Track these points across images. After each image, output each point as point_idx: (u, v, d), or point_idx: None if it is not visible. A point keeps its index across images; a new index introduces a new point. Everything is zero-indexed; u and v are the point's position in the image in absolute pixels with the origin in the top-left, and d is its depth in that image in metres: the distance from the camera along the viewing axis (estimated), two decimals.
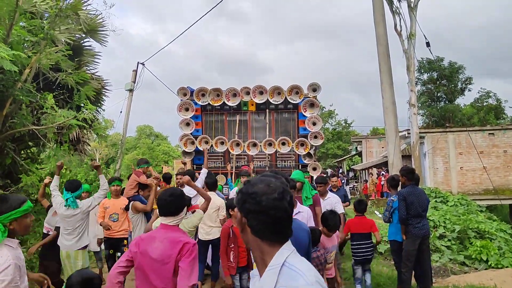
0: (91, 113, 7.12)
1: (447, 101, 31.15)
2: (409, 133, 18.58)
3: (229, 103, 9.21)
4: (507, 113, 32.59)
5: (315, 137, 8.85)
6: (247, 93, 9.15)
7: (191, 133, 9.34)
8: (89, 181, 13.22)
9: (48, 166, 8.30)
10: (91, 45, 9.39)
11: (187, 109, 9.38)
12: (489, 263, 7.80)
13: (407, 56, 17.47)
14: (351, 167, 34.30)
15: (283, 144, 8.80)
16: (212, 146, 9.15)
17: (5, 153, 7.03)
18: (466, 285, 6.20)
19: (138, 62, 13.45)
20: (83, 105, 7.19)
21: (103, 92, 9.71)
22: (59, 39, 7.24)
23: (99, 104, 9.54)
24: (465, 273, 7.46)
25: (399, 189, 5.71)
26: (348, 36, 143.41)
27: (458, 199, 13.07)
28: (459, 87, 30.99)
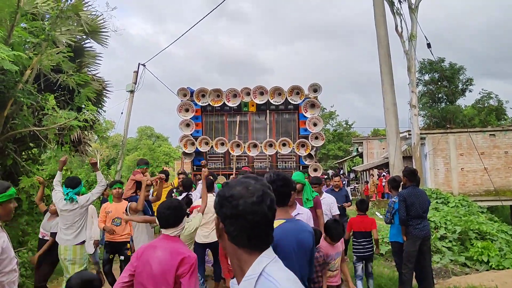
0: (92, 114, 7.13)
1: (448, 102, 31.12)
2: (410, 134, 18.56)
3: (230, 104, 9.20)
4: (508, 114, 32.59)
5: (316, 138, 8.85)
6: (248, 93, 9.14)
7: (191, 134, 9.34)
8: (90, 182, 13.21)
9: (49, 167, 8.31)
10: (92, 46, 9.41)
11: (187, 110, 9.38)
12: (490, 264, 7.78)
13: (408, 57, 17.46)
14: (352, 168, 34.29)
15: (284, 145, 8.78)
16: (212, 147, 9.15)
17: (6, 154, 7.03)
18: (467, 286, 6.18)
19: (139, 63, 13.47)
20: (84, 106, 7.19)
21: (104, 93, 9.70)
22: (60, 40, 7.25)
23: (100, 105, 9.54)
24: (466, 274, 7.44)
25: (400, 190, 5.72)
26: (348, 36, 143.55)
27: (459, 200, 13.07)
28: (459, 88, 30.97)
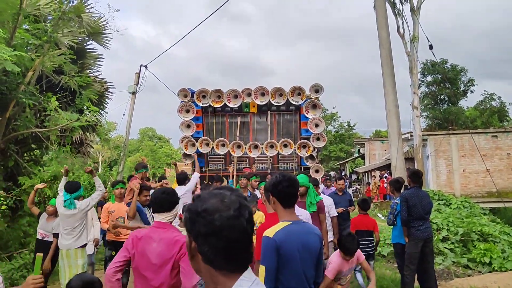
0: (94, 115, 7.14)
1: (450, 104, 31.05)
2: (412, 136, 18.51)
3: (230, 105, 9.19)
4: (511, 115, 32.47)
5: (318, 139, 8.83)
6: (249, 94, 9.13)
7: (192, 135, 9.35)
8: (92, 183, 13.21)
9: (50, 168, 8.32)
10: (94, 48, 9.44)
11: (187, 111, 9.38)
12: (493, 266, 7.74)
13: (410, 59, 17.42)
14: (354, 169, 34.24)
15: (285, 146, 8.78)
16: (213, 148, 9.15)
17: (8, 155, 7.05)
18: None
19: (141, 65, 13.50)
20: (86, 107, 7.21)
21: (106, 95, 9.72)
22: (62, 42, 7.27)
23: (102, 107, 9.56)
24: (468, 276, 7.41)
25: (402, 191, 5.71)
26: (350, 38, 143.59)
27: (461, 202, 13.01)
28: (461, 89, 30.89)
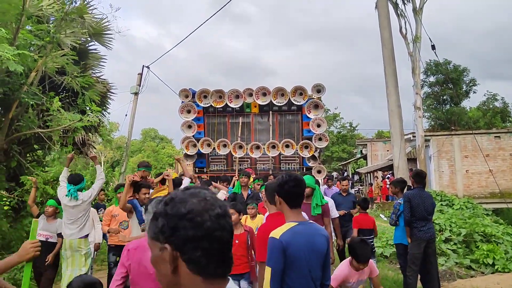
0: (97, 116, 7.15)
1: (452, 104, 30.96)
2: (414, 136, 18.47)
3: (232, 105, 9.17)
4: None
5: (320, 139, 8.81)
6: (250, 94, 9.10)
7: (193, 136, 9.33)
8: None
9: (53, 169, 8.34)
10: (96, 49, 9.47)
11: (189, 111, 9.37)
12: (496, 267, 7.71)
13: (412, 59, 17.38)
14: (356, 170, 34.17)
15: (287, 146, 8.75)
16: (214, 148, 9.14)
17: (11, 156, 7.08)
18: None
19: (143, 66, 13.54)
20: (88, 108, 7.23)
21: (109, 96, 9.74)
22: (64, 43, 7.29)
23: (104, 107, 9.57)
24: (471, 277, 7.38)
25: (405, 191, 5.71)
26: (352, 38, 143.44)
27: (464, 203, 12.97)
28: (464, 89, 30.80)
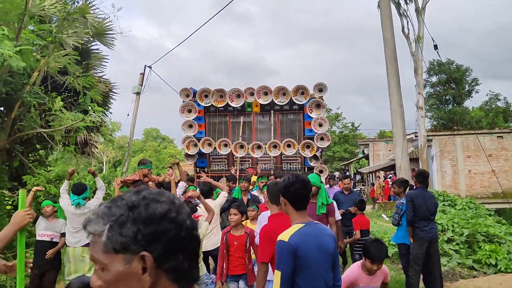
0: (99, 116, 7.17)
1: (455, 104, 30.88)
2: (416, 136, 18.43)
3: (233, 104, 9.14)
4: None
5: (322, 138, 8.78)
6: (251, 93, 9.06)
7: (194, 135, 9.31)
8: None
9: (55, 168, 8.36)
10: (98, 49, 9.48)
11: (189, 111, 9.34)
12: (498, 267, 7.68)
13: (414, 59, 17.34)
14: (358, 170, 34.11)
15: (289, 146, 8.73)
16: (215, 148, 9.12)
17: (13, 155, 7.10)
18: None
19: (145, 65, 13.55)
20: (90, 108, 7.24)
21: (111, 95, 9.76)
22: (67, 43, 7.31)
23: (106, 107, 9.59)
24: (474, 277, 7.36)
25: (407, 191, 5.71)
26: (353, 39, 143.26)
27: (466, 203, 12.92)
28: (466, 89, 30.73)
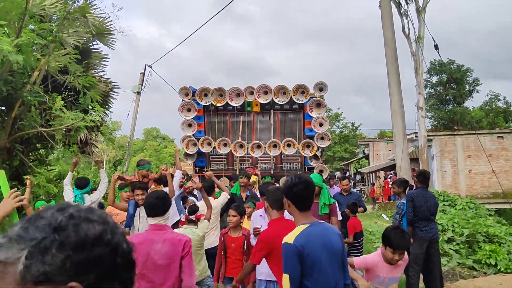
0: (99, 115, 7.17)
1: (455, 104, 30.86)
2: (417, 136, 18.41)
3: (233, 103, 9.10)
4: None
5: (322, 138, 8.75)
6: (251, 93, 9.03)
7: (193, 135, 9.28)
8: (97, 183, 13.27)
9: (56, 168, 8.37)
10: (99, 48, 9.46)
11: (189, 110, 9.31)
12: (498, 267, 7.68)
13: (415, 59, 17.33)
14: (358, 170, 34.10)
15: (289, 145, 8.70)
16: (215, 147, 9.09)
17: (14, 155, 7.10)
18: None
19: (146, 65, 13.54)
20: (91, 107, 7.24)
21: (111, 95, 9.75)
22: (67, 42, 7.31)
23: (107, 107, 9.58)
24: (474, 277, 7.36)
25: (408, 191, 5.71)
26: (354, 39, 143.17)
27: (466, 203, 12.91)
28: (466, 89, 30.73)
